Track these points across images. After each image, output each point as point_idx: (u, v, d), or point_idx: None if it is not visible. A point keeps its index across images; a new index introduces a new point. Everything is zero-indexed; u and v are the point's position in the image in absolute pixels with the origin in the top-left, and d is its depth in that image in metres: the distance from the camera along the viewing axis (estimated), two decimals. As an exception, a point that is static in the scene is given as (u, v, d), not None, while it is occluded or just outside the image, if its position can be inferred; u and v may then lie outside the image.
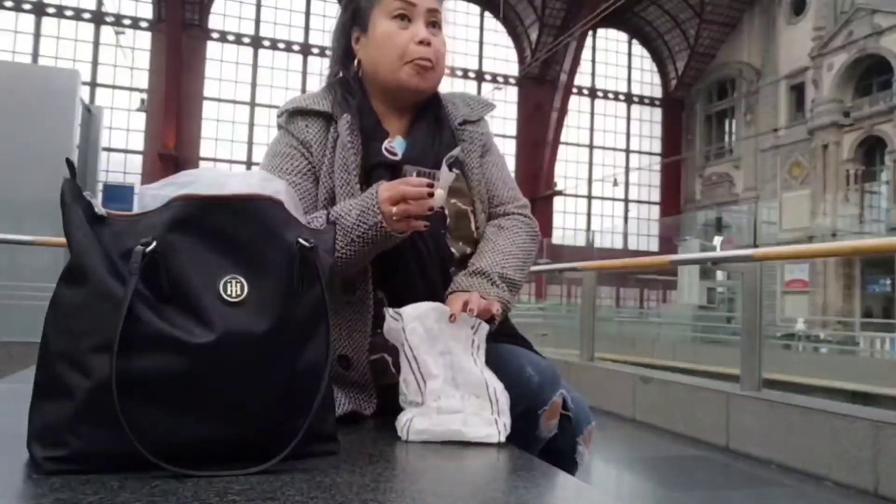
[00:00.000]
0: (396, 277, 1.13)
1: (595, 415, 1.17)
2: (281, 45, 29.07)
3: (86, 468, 0.71)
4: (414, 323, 1.00)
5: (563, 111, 30.10)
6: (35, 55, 25.59)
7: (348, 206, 1.07)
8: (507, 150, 29.57)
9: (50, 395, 0.73)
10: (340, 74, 1.26)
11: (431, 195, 1.02)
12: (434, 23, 1.20)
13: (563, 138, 30.59)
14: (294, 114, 1.19)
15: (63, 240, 0.77)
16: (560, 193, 30.89)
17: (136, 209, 0.82)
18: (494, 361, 1.04)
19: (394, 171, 1.14)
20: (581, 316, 5.55)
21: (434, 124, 1.22)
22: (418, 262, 1.13)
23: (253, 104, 28.66)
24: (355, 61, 1.25)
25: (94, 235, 0.76)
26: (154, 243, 0.75)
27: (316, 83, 1.35)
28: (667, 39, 33.03)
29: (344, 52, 1.26)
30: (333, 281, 1.05)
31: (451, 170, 1.04)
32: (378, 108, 1.22)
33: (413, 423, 0.97)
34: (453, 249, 1.18)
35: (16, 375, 1.49)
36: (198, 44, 27.53)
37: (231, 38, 28.57)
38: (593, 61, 32.82)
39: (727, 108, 32.37)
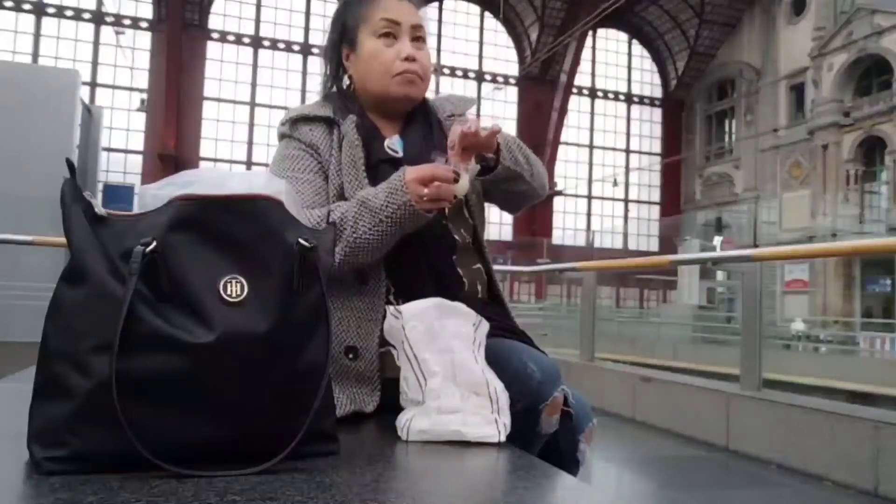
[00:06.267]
0: (403, 267, 1.16)
1: (595, 415, 1.17)
2: (281, 45, 29.07)
3: (86, 468, 0.71)
4: (414, 321, 1.00)
5: (563, 111, 30.10)
6: (35, 55, 25.61)
7: (374, 191, 1.11)
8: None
9: (50, 395, 0.73)
10: (334, 89, 1.32)
11: (457, 181, 1.08)
12: (418, 37, 1.26)
13: (563, 138, 30.60)
14: (297, 120, 1.23)
15: (63, 240, 0.77)
16: (560, 193, 30.90)
17: (136, 209, 0.82)
18: (496, 356, 1.04)
19: (396, 167, 1.16)
20: (581, 316, 5.55)
21: (425, 124, 1.29)
22: (424, 252, 1.17)
23: (253, 104, 28.67)
24: (346, 76, 1.31)
25: (94, 235, 0.75)
26: (154, 243, 0.75)
27: (316, 83, 1.37)
28: (667, 39, 33.04)
29: (335, 69, 1.32)
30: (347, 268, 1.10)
31: (446, 161, 1.10)
32: (372, 117, 1.27)
33: (413, 423, 0.96)
34: (456, 237, 1.22)
35: (16, 375, 1.49)
36: (198, 44, 27.54)
37: (231, 38, 28.58)
38: (593, 61, 32.83)
39: (727, 108, 32.37)
